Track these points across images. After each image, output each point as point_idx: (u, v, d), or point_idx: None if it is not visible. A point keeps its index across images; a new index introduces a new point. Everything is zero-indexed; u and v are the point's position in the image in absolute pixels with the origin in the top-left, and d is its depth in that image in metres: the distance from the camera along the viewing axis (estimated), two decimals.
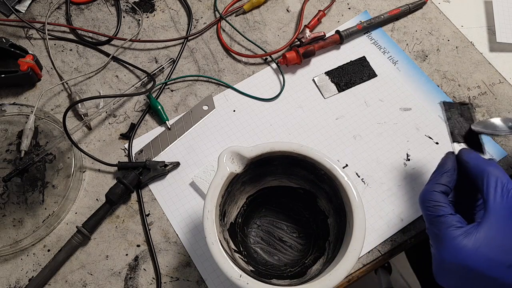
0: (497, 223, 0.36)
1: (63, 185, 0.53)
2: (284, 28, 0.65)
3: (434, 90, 0.60)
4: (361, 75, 0.61)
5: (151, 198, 0.53)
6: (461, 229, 0.37)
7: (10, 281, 0.49)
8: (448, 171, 0.41)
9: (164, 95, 0.60)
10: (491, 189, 0.37)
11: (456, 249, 0.36)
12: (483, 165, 0.39)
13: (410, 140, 0.57)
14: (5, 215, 0.52)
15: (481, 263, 0.35)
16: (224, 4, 0.66)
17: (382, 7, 0.67)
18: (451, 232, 0.37)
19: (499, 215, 0.36)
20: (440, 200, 0.39)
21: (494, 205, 0.36)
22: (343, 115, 0.58)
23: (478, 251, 0.35)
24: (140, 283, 0.49)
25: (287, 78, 0.61)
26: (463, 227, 0.37)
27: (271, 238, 0.50)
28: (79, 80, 0.61)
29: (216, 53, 0.63)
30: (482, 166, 0.39)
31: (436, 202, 0.39)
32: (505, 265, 0.35)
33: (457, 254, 0.36)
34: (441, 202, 0.39)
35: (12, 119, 0.57)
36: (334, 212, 0.46)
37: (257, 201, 0.51)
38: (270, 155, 0.44)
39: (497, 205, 0.36)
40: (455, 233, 0.36)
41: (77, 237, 0.50)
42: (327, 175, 0.44)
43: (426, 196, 0.40)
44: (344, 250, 0.40)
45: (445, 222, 0.37)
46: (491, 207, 0.36)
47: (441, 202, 0.39)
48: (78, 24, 0.65)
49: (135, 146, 0.56)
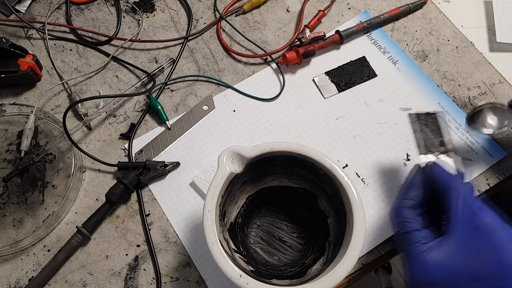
0: (459, 238, 0.36)
1: (63, 185, 0.53)
2: (284, 28, 0.65)
3: (434, 90, 0.60)
4: (361, 75, 0.61)
5: (151, 198, 0.53)
6: (426, 245, 0.37)
7: (10, 281, 0.49)
8: (414, 185, 0.41)
9: (164, 95, 0.60)
10: (453, 204, 0.37)
11: (421, 264, 0.36)
12: (448, 180, 0.39)
13: (410, 140, 0.57)
14: (5, 215, 0.52)
15: (445, 278, 0.35)
16: (224, 4, 0.66)
17: (382, 7, 0.67)
18: (417, 248, 0.37)
19: (461, 231, 0.36)
20: (408, 216, 0.39)
21: (456, 220, 0.37)
22: (343, 115, 0.58)
23: (441, 266, 0.35)
24: (140, 283, 0.49)
25: (287, 78, 0.61)
26: (428, 243, 0.37)
27: (271, 238, 0.50)
28: (79, 80, 0.61)
29: (216, 53, 0.63)
30: (446, 181, 0.39)
31: (403, 218, 0.39)
32: (467, 278, 0.35)
33: (421, 270, 0.36)
34: (409, 218, 0.39)
35: (12, 119, 0.57)
36: (334, 212, 0.46)
37: (257, 201, 0.51)
38: (270, 155, 0.44)
39: (458, 221, 0.37)
40: (420, 249, 0.37)
41: (77, 237, 0.50)
42: (327, 175, 0.44)
43: (394, 213, 0.40)
44: (344, 250, 0.40)
45: (411, 239, 0.38)
46: (453, 222, 0.37)
47: (408, 218, 0.39)
48: (78, 24, 0.65)
49: (135, 146, 0.56)
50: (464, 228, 0.36)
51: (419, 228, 0.38)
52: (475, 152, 0.56)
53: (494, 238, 0.35)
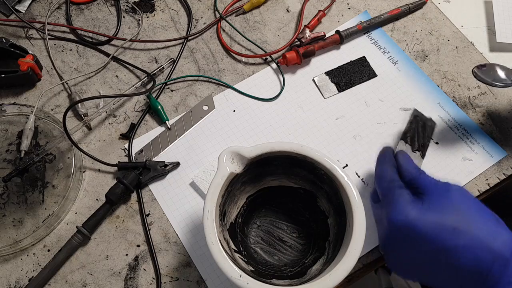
0: (437, 198, 0.41)
1: (63, 185, 0.53)
2: (284, 28, 0.65)
3: (434, 90, 0.60)
4: (361, 75, 0.61)
5: (151, 198, 0.53)
6: (412, 197, 0.42)
7: (10, 281, 0.49)
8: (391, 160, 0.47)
9: (164, 95, 0.60)
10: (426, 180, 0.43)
11: (407, 210, 0.40)
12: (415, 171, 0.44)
13: None
14: (5, 215, 0.52)
15: (428, 224, 0.39)
16: (224, 4, 0.66)
17: (382, 7, 0.67)
18: (403, 198, 0.41)
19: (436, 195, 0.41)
20: (394, 175, 0.44)
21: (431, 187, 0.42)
22: (343, 115, 0.58)
23: (425, 215, 0.39)
24: (140, 283, 0.49)
25: (287, 78, 0.61)
26: (410, 197, 0.42)
27: (271, 238, 0.50)
28: (79, 80, 0.61)
29: (216, 53, 0.63)
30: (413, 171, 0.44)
31: (390, 176, 0.44)
32: (450, 227, 0.38)
33: (407, 214, 0.40)
34: (395, 176, 0.44)
35: (12, 119, 0.57)
36: (334, 212, 0.46)
37: (257, 201, 0.51)
38: (270, 155, 0.44)
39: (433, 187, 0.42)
40: (406, 198, 0.41)
41: (77, 237, 0.50)
42: (327, 175, 0.44)
43: (381, 174, 0.45)
44: (344, 250, 0.40)
45: (398, 191, 0.42)
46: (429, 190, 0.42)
47: (395, 176, 0.44)
48: (78, 24, 0.65)
49: (135, 146, 0.56)
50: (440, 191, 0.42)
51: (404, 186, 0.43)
52: (475, 152, 0.56)
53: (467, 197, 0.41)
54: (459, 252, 0.37)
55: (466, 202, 0.41)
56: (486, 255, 0.37)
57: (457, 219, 0.39)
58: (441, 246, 0.38)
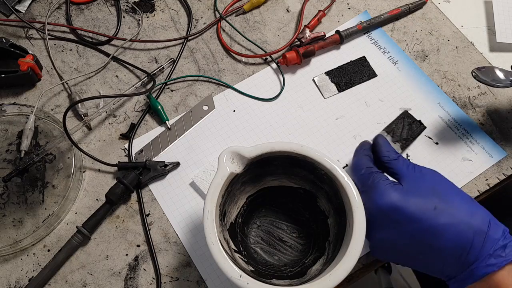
0: (414, 183, 0.43)
1: (63, 185, 0.53)
2: (284, 28, 0.65)
3: (434, 90, 0.60)
4: (361, 75, 0.61)
5: (151, 198, 0.53)
6: (390, 181, 0.43)
7: (10, 281, 0.49)
8: (368, 148, 0.48)
9: (164, 95, 0.60)
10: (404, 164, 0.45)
11: (389, 193, 0.41)
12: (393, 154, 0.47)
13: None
14: (5, 215, 0.52)
15: (411, 205, 0.41)
16: (224, 4, 0.66)
17: (382, 7, 0.67)
18: (384, 181, 0.43)
19: (414, 177, 0.43)
20: (371, 163, 0.46)
21: (408, 171, 0.44)
22: (343, 115, 0.58)
23: (407, 197, 0.41)
24: (140, 283, 0.49)
25: (287, 78, 0.61)
26: (390, 181, 0.43)
27: (271, 238, 0.50)
28: (79, 80, 0.61)
29: (216, 53, 0.63)
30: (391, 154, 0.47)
31: (367, 164, 0.46)
32: (431, 207, 0.40)
33: (390, 197, 0.41)
34: (372, 164, 0.46)
35: (12, 119, 0.57)
36: (334, 212, 0.46)
37: (257, 201, 0.51)
38: (270, 155, 0.44)
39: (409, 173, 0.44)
40: (386, 182, 0.43)
41: (77, 237, 0.50)
42: (327, 175, 0.44)
43: (358, 163, 0.46)
44: (344, 250, 0.40)
45: (378, 176, 0.44)
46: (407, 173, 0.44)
47: (371, 164, 0.46)
48: (78, 24, 0.65)
49: (135, 146, 0.56)
50: (417, 174, 0.44)
51: (381, 172, 0.45)
52: (475, 152, 0.56)
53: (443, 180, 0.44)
54: (441, 230, 0.39)
55: (443, 184, 0.43)
56: (467, 231, 0.39)
57: (436, 200, 0.41)
58: (425, 226, 0.40)
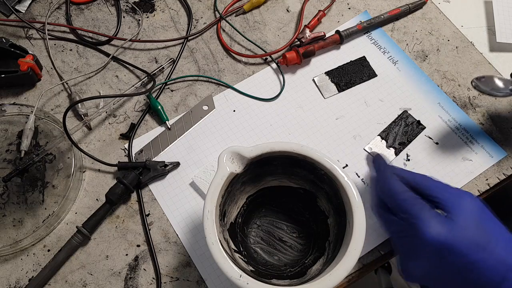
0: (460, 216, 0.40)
1: (63, 185, 0.53)
2: (284, 28, 0.65)
3: (434, 90, 0.60)
4: (361, 75, 0.61)
5: (151, 198, 0.53)
6: (436, 212, 0.40)
7: (10, 281, 0.49)
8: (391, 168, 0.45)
9: (164, 95, 0.60)
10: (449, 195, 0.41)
11: (438, 227, 0.39)
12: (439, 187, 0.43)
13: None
14: (5, 215, 0.52)
15: (461, 242, 0.38)
16: (224, 4, 0.66)
17: (382, 7, 0.67)
18: (430, 213, 0.39)
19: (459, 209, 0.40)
20: (406, 189, 0.42)
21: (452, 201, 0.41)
22: (343, 115, 0.58)
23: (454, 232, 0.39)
24: (140, 283, 0.49)
25: (287, 78, 0.61)
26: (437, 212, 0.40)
27: (271, 238, 0.50)
28: (79, 80, 0.61)
29: (216, 53, 0.63)
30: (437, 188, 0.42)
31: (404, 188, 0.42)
32: (474, 243, 0.38)
33: (439, 231, 0.38)
34: (408, 190, 0.42)
35: (12, 119, 0.57)
36: (334, 212, 0.46)
37: (257, 201, 0.51)
38: (270, 155, 0.44)
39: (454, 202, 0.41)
40: (433, 214, 0.39)
41: (77, 237, 0.50)
42: (327, 175, 0.44)
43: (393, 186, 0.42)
44: (344, 250, 0.40)
45: (422, 206, 0.40)
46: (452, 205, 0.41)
47: (407, 189, 0.42)
48: (78, 24, 0.65)
49: (135, 146, 0.56)
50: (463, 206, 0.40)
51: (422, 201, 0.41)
52: (475, 152, 0.56)
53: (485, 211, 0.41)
54: (477, 266, 0.38)
55: (484, 216, 0.41)
56: (501, 267, 0.38)
57: (478, 233, 0.39)
58: (466, 261, 0.39)
